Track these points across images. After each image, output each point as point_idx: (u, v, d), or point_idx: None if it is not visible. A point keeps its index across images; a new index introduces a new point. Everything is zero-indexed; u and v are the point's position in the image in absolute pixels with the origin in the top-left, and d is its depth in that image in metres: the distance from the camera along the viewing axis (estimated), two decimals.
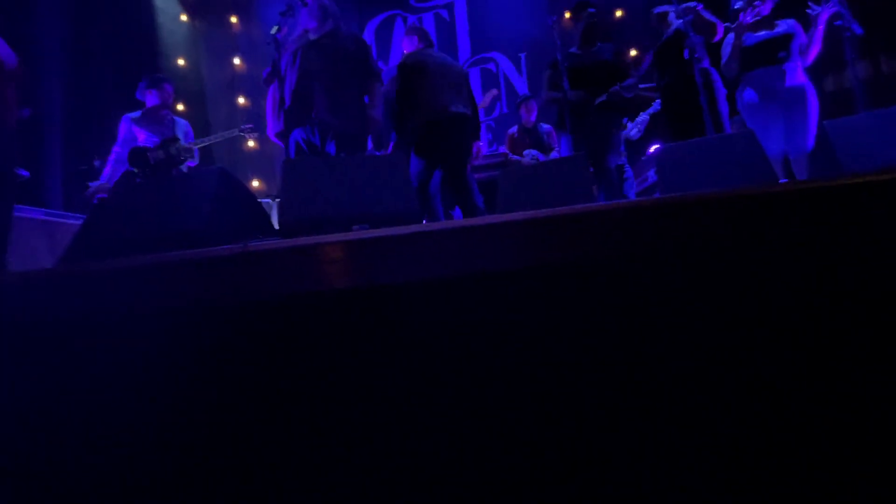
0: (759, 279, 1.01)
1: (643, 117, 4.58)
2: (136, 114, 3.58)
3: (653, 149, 5.15)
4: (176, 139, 3.55)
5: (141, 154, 3.40)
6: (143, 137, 3.50)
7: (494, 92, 4.86)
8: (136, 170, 3.47)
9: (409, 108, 2.93)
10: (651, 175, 4.68)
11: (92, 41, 5.48)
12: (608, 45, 3.36)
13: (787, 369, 0.96)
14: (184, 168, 3.59)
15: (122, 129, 3.55)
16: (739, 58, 3.00)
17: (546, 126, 4.45)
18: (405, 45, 3.31)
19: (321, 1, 2.62)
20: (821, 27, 2.85)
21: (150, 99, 3.59)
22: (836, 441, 0.93)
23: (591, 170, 2.76)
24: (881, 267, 0.96)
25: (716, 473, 0.96)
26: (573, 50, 3.36)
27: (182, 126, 3.68)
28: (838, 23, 2.69)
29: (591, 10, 3.26)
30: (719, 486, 0.95)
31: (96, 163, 4.54)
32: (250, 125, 4.05)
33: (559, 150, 4.04)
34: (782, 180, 2.75)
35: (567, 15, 6.18)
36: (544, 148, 4.32)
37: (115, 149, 3.55)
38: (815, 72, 3.11)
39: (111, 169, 3.53)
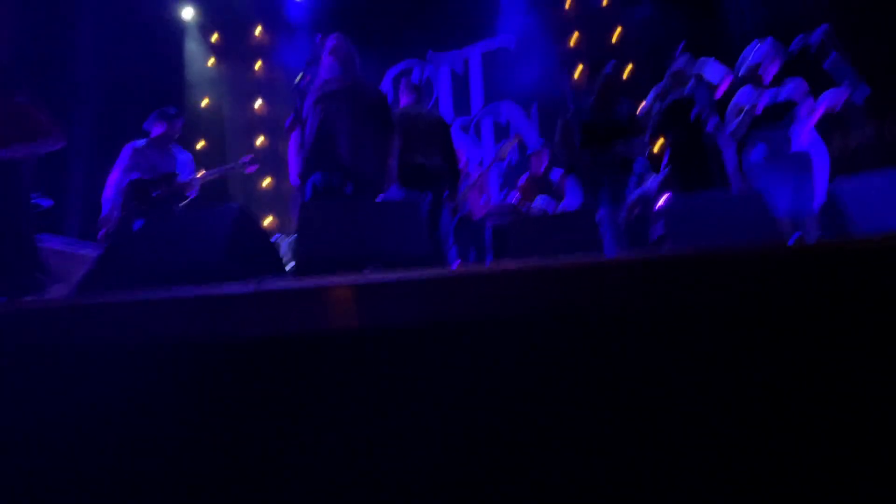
0: (769, 339, 1.00)
1: (651, 185, 4.69)
2: (140, 143, 3.58)
3: (662, 200, 5.20)
4: (175, 174, 3.54)
5: (142, 188, 3.40)
6: (144, 167, 3.47)
7: (514, 141, 4.97)
8: (135, 203, 3.46)
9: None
10: (660, 227, 4.71)
11: (124, 77, 5.75)
12: (624, 106, 3.45)
13: (788, 430, 0.94)
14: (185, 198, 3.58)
15: (124, 155, 3.52)
16: (749, 125, 3.08)
17: (556, 174, 4.53)
18: (402, 100, 3.51)
19: (344, 52, 2.76)
20: (824, 104, 2.95)
21: (156, 130, 3.59)
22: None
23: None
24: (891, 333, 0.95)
25: None
26: (587, 105, 3.46)
27: (183, 159, 3.66)
28: (843, 86, 2.77)
29: (608, 70, 3.38)
30: None
31: None
32: (249, 157, 3.98)
33: (568, 199, 4.11)
34: (791, 241, 2.76)
35: (580, 68, 6.45)
36: (554, 195, 4.38)
37: (115, 175, 3.49)
38: (821, 131, 3.18)
39: (113, 199, 3.46)
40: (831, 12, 3.86)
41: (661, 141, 5.03)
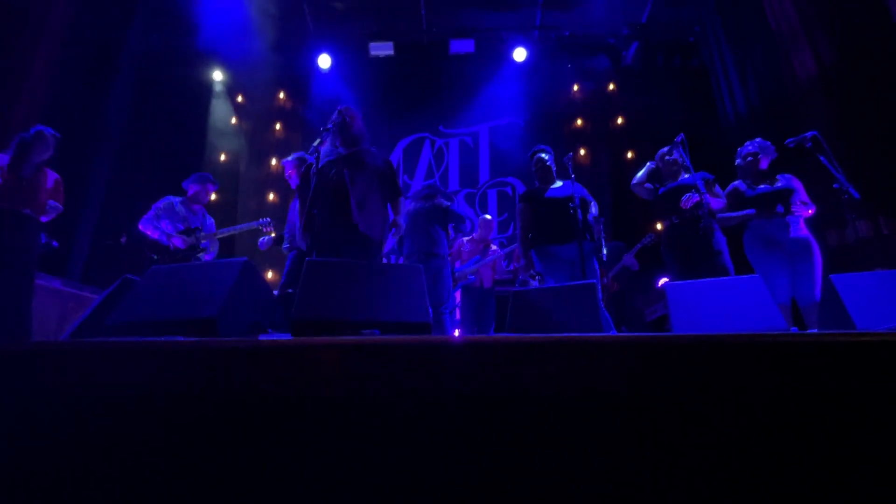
0: (770, 426, 0.98)
1: (627, 261, 4.84)
2: (177, 199, 4.00)
3: (662, 282, 5.27)
4: (198, 229, 3.93)
5: (161, 243, 3.79)
6: (174, 218, 3.88)
7: (510, 250, 5.19)
8: (155, 256, 3.69)
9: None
10: (660, 307, 4.74)
11: (148, 130, 6.03)
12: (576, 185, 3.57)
13: None
14: (202, 257, 3.81)
15: (162, 203, 3.92)
16: (740, 218, 3.21)
17: None
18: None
19: (353, 123, 2.94)
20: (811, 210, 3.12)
21: (192, 190, 4.07)
22: None
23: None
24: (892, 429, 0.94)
25: None
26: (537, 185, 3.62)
27: (209, 222, 4.10)
28: (836, 185, 2.88)
29: (544, 156, 3.59)
30: None
31: (122, 239, 4.75)
32: (268, 219, 4.38)
33: None
34: (793, 329, 2.75)
35: (582, 152, 6.75)
36: None
37: (148, 215, 3.86)
38: (816, 227, 3.28)
39: (158, 231, 3.83)
40: (822, 107, 4.10)
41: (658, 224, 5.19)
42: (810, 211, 3.11)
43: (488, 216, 5.10)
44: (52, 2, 4.43)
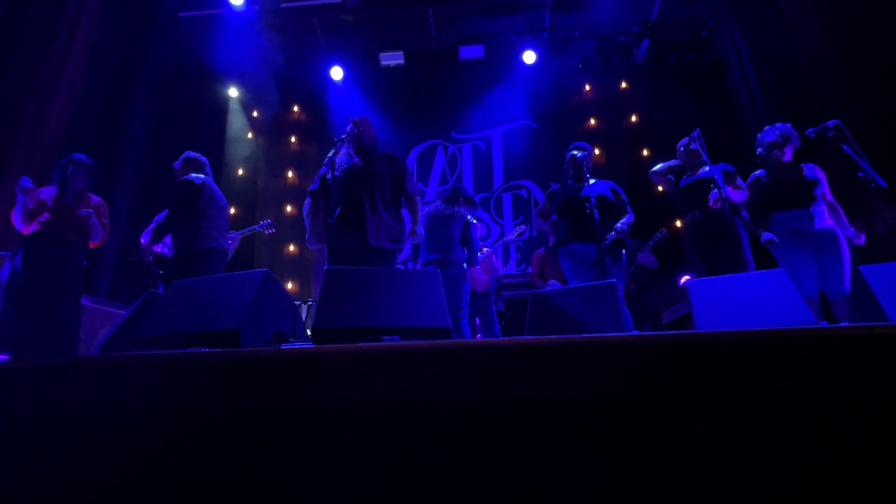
0: (799, 424, 0.95)
1: (642, 258, 4.74)
2: None
3: (684, 279, 5.18)
4: None
5: (165, 257, 3.89)
6: None
7: (522, 228, 5.15)
8: (161, 272, 3.77)
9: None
10: (682, 305, 4.66)
11: (166, 146, 6.17)
12: (608, 184, 3.55)
13: None
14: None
15: (162, 216, 3.94)
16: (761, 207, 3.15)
17: None
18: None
19: (365, 132, 2.99)
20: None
21: None
22: None
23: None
24: None
25: None
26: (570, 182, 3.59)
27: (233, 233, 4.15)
28: (861, 175, 2.80)
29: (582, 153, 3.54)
30: None
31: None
32: (269, 221, 4.51)
33: None
34: (822, 322, 2.68)
35: (597, 151, 6.69)
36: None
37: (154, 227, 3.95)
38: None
39: (161, 244, 3.95)
40: (841, 97, 4.00)
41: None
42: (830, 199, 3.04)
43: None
44: (77, 22, 4.60)
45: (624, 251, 3.43)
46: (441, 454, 1.02)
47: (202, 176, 3.41)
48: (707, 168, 3.20)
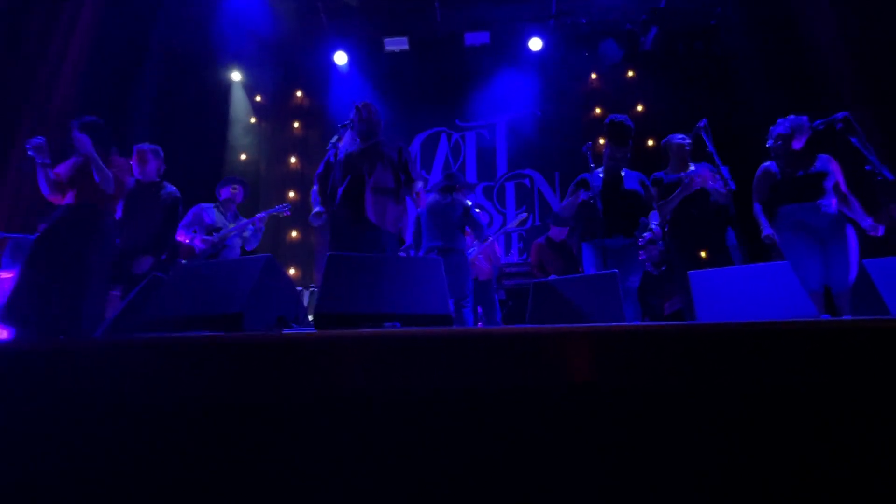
0: (798, 418, 0.95)
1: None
2: (209, 205, 4.18)
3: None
4: (219, 228, 4.04)
5: (194, 248, 3.91)
6: (209, 221, 4.05)
7: (524, 216, 5.09)
8: (184, 261, 3.79)
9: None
10: (676, 301, 4.66)
11: (169, 131, 6.15)
12: (638, 176, 3.55)
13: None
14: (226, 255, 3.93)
15: (190, 214, 4.05)
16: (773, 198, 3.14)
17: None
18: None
19: (369, 117, 3.00)
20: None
21: (224, 193, 4.25)
22: None
23: None
24: None
25: None
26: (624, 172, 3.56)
27: (241, 223, 4.20)
28: (868, 168, 2.77)
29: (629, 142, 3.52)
30: None
31: None
32: (287, 205, 4.54)
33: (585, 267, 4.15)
34: (824, 316, 2.67)
35: (602, 140, 6.64)
36: (574, 263, 4.39)
37: (184, 232, 3.99)
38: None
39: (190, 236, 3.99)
40: (851, 91, 3.95)
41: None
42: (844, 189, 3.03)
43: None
44: (79, 7, 4.57)
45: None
46: (440, 442, 1.03)
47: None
48: (693, 167, 3.25)
